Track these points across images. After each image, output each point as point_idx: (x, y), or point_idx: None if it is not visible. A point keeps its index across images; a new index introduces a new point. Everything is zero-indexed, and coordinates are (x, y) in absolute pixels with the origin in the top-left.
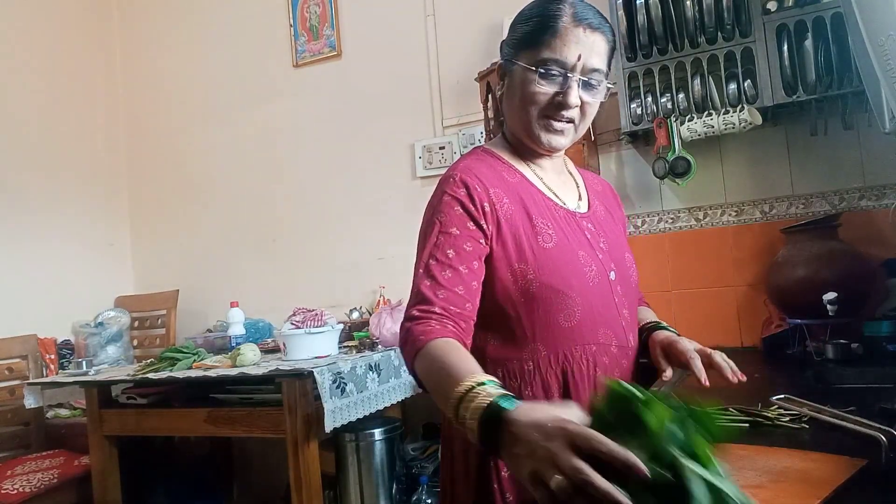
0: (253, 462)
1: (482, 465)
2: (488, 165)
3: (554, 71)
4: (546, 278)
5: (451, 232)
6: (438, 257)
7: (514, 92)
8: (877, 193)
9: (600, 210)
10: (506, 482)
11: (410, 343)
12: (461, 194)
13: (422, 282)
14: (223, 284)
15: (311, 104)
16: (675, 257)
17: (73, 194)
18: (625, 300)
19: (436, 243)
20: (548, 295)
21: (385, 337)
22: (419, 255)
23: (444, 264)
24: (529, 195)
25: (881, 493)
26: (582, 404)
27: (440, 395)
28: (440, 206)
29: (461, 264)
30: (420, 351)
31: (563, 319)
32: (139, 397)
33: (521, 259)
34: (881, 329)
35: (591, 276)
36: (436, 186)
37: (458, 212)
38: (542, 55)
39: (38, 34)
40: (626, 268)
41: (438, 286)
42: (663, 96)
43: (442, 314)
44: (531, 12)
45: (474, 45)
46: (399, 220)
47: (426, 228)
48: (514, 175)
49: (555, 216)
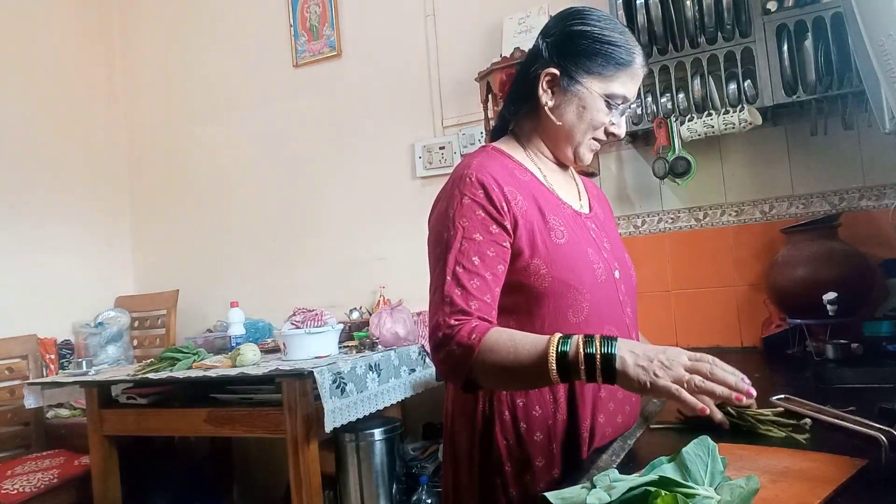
0: (253, 462)
1: (486, 461)
2: (500, 164)
3: (618, 104)
4: (558, 273)
5: (475, 238)
6: (466, 265)
7: (575, 111)
8: (877, 193)
9: (600, 212)
10: (508, 476)
11: (462, 344)
12: (480, 196)
13: (452, 291)
14: (223, 284)
15: (311, 104)
16: (675, 257)
17: (73, 194)
18: (627, 299)
19: (461, 249)
20: (559, 290)
21: (385, 337)
22: (444, 261)
23: (471, 272)
24: (541, 193)
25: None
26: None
27: (525, 363)
28: (461, 210)
29: (486, 271)
30: (482, 343)
31: (571, 315)
32: (139, 397)
33: (534, 254)
34: (881, 329)
35: (599, 274)
36: (448, 184)
37: (480, 216)
38: (615, 90)
39: (38, 34)
40: (627, 267)
41: (470, 296)
42: (663, 96)
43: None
44: (605, 37)
45: (474, 45)
46: (399, 220)
47: (448, 234)
48: (525, 174)
49: (564, 215)
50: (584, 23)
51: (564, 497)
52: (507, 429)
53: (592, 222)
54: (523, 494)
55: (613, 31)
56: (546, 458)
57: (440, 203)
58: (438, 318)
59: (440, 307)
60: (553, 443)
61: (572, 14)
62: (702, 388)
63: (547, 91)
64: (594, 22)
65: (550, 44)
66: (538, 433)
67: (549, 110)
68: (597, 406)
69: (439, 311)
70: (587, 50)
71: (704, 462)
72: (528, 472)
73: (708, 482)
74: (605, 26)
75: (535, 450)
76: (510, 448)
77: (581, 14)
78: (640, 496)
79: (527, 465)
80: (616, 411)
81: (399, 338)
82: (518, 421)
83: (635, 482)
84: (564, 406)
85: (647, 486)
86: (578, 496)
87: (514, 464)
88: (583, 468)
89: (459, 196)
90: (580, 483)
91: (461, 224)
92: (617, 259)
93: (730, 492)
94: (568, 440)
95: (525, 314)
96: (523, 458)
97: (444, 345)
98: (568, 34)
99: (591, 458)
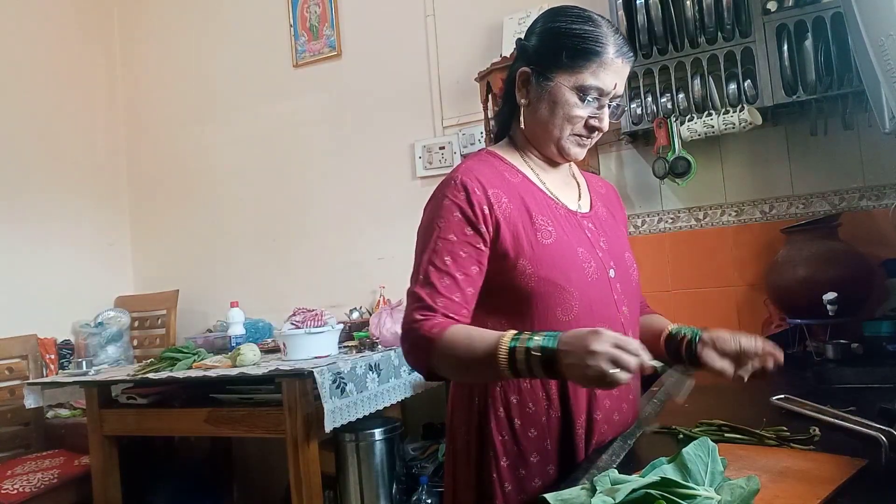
0: (253, 462)
1: (482, 457)
2: (490, 166)
3: (594, 96)
4: (544, 272)
5: (449, 238)
6: (437, 264)
7: (547, 107)
8: (877, 193)
9: (602, 211)
10: (504, 471)
11: (423, 337)
12: (460, 199)
13: (422, 288)
14: (223, 284)
15: (311, 104)
16: (675, 257)
17: (74, 194)
18: (624, 298)
19: (434, 249)
20: (546, 289)
21: (385, 337)
22: (418, 259)
23: (442, 271)
24: (531, 194)
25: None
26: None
27: (479, 356)
28: (440, 211)
29: (458, 271)
30: (441, 336)
31: (561, 314)
32: (139, 397)
33: (519, 255)
34: (881, 329)
35: (590, 273)
36: (438, 187)
37: (457, 217)
38: (586, 81)
39: (37, 34)
40: (626, 266)
41: (437, 294)
42: (663, 96)
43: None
44: (573, 30)
45: (474, 45)
46: (399, 220)
47: (425, 233)
48: (515, 176)
49: (555, 214)
50: (554, 20)
51: (564, 498)
52: (502, 424)
53: (590, 221)
54: (518, 489)
55: (584, 24)
56: (541, 455)
57: (428, 204)
58: (406, 312)
59: (410, 303)
60: (548, 439)
61: (548, 13)
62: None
63: (521, 90)
64: (563, 17)
65: (525, 44)
66: (532, 429)
67: (524, 109)
68: (592, 404)
69: (408, 306)
70: (555, 45)
71: (704, 462)
72: (523, 468)
73: (708, 482)
74: (573, 21)
75: (529, 446)
76: (505, 443)
77: (554, 11)
78: (641, 499)
79: (522, 460)
80: (613, 409)
81: (399, 338)
82: (512, 417)
83: (636, 484)
84: (558, 404)
85: (648, 490)
86: (578, 497)
87: (509, 459)
88: (582, 468)
89: (442, 198)
90: (579, 484)
91: (438, 224)
92: (614, 258)
93: (730, 492)
94: (563, 437)
95: (515, 314)
96: (518, 454)
97: (407, 337)
98: (540, 33)
99: (591, 458)
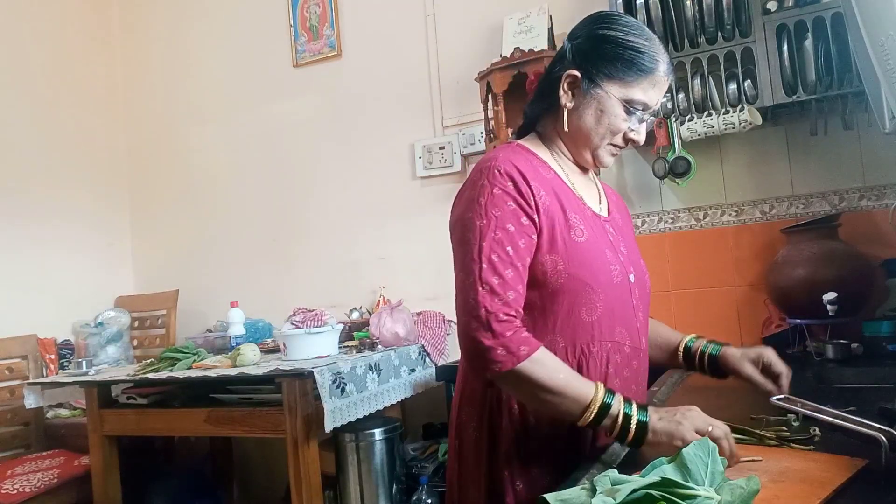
0: (253, 462)
1: (493, 453)
2: (525, 159)
3: (639, 110)
4: (575, 270)
5: (508, 228)
6: (500, 254)
7: (593, 115)
8: (877, 193)
9: (618, 217)
10: (516, 468)
11: (511, 349)
12: (510, 189)
13: (490, 278)
14: (223, 284)
15: (311, 104)
16: (675, 257)
17: (73, 194)
18: (640, 304)
19: (495, 238)
20: (575, 287)
21: (385, 337)
22: (478, 247)
23: (505, 262)
24: (563, 192)
25: (881, 493)
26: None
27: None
28: (493, 200)
29: (519, 261)
30: (534, 355)
31: (585, 313)
32: (139, 397)
33: (552, 250)
34: (881, 329)
35: (615, 275)
36: (474, 175)
37: (511, 207)
38: (636, 96)
39: (37, 34)
40: (642, 273)
41: (507, 285)
42: (663, 96)
43: (517, 315)
44: (630, 42)
45: (474, 45)
46: (399, 220)
47: (480, 221)
48: (548, 172)
49: (584, 214)
50: (609, 27)
51: (564, 498)
52: (516, 420)
53: (611, 226)
54: (530, 488)
55: (639, 38)
56: (553, 452)
57: (466, 191)
58: (480, 299)
59: (475, 288)
60: (559, 436)
61: (600, 18)
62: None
63: (567, 93)
64: (620, 27)
65: (575, 46)
66: (546, 426)
67: (567, 112)
68: None
69: (477, 293)
70: (609, 54)
71: (704, 462)
72: (535, 466)
73: (708, 483)
74: (630, 31)
75: (542, 443)
76: (518, 440)
77: (608, 18)
78: (642, 499)
79: (535, 458)
80: None
81: (399, 338)
82: (526, 413)
83: (636, 484)
84: None
85: (648, 490)
86: (578, 497)
87: (523, 456)
88: (582, 468)
89: (490, 186)
90: (580, 484)
91: (493, 214)
92: (633, 263)
93: (730, 492)
94: (573, 433)
95: (539, 310)
96: (531, 451)
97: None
98: (592, 38)
99: (591, 458)
